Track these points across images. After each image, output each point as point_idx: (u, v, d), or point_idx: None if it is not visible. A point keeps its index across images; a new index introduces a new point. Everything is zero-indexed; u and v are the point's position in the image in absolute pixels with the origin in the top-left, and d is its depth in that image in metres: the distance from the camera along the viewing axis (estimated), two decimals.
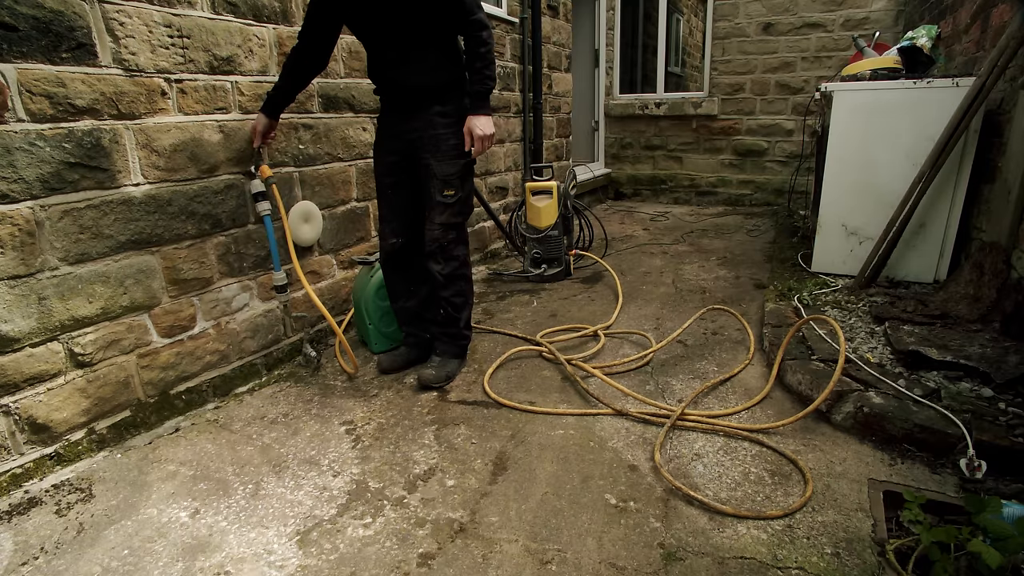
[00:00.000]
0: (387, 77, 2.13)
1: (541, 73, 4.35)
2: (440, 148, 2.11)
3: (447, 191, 2.13)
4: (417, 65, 2.05)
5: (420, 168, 2.16)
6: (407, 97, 2.12)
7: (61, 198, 1.71)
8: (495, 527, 1.49)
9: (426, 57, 2.05)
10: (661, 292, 3.28)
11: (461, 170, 2.16)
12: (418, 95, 2.09)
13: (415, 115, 2.12)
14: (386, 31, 2.03)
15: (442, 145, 2.11)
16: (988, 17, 2.83)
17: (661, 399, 2.09)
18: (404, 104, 2.14)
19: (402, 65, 2.06)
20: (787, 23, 5.32)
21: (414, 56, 2.04)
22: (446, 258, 2.21)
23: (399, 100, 2.16)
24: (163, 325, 2.03)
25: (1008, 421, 1.67)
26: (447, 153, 2.12)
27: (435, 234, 2.17)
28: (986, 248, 2.39)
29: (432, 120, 2.10)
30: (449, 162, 2.12)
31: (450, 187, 2.13)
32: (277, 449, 1.87)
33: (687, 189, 6.15)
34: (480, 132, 2.06)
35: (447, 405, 2.12)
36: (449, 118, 2.12)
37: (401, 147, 2.18)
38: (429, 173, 2.13)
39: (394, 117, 2.18)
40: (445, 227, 2.17)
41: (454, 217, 2.18)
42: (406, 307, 2.40)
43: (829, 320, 1.97)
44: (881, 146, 2.88)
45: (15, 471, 1.68)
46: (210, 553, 1.43)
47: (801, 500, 1.53)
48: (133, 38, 1.83)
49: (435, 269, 2.21)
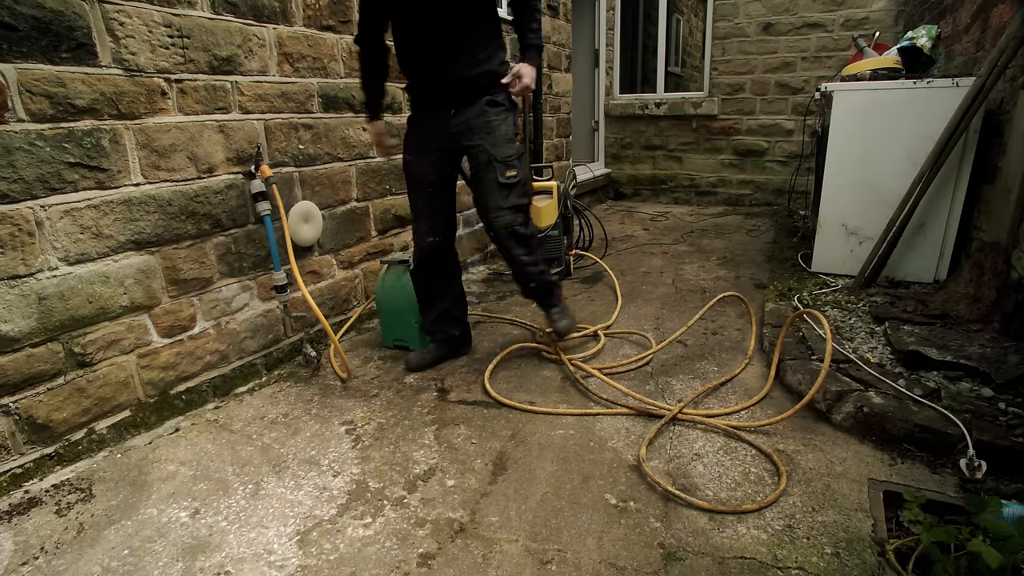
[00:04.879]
0: (435, 73, 2.10)
1: (541, 73, 4.34)
2: (495, 133, 2.12)
3: (509, 172, 2.13)
4: (471, 58, 2.07)
5: (474, 157, 2.17)
6: (457, 91, 2.12)
7: (61, 198, 1.71)
8: (495, 527, 1.49)
9: (478, 50, 2.08)
10: (661, 292, 3.28)
11: (517, 153, 2.17)
12: (470, 88, 2.10)
13: (464, 109, 2.13)
14: (440, 26, 2.03)
15: (496, 131, 2.13)
16: (988, 17, 2.83)
17: (661, 399, 2.09)
18: (452, 99, 2.13)
19: (455, 60, 2.06)
20: (787, 23, 5.32)
21: (467, 50, 2.06)
22: (523, 240, 2.21)
23: (446, 95, 2.14)
24: (163, 325, 2.03)
25: (1008, 421, 1.67)
26: (502, 137, 2.13)
27: (507, 219, 2.16)
28: (986, 248, 2.39)
29: (483, 110, 2.12)
30: (506, 144, 2.14)
31: (511, 168, 2.14)
32: (277, 449, 1.87)
33: (687, 189, 6.14)
34: (527, 80, 2.10)
35: (447, 405, 2.12)
36: (500, 106, 2.14)
37: (446, 144, 2.18)
38: (487, 159, 2.13)
39: (437, 113, 2.17)
40: (515, 209, 2.17)
41: (520, 198, 2.18)
42: (442, 307, 2.41)
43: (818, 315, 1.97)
44: (881, 146, 2.88)
45: (15, 471, 1.68)
46: (210, 553, 1.43)
47: (775, 494, 1.55)
48: (133, 38, 1.83)
49: (517, 254, 2.23)
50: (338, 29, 2.61)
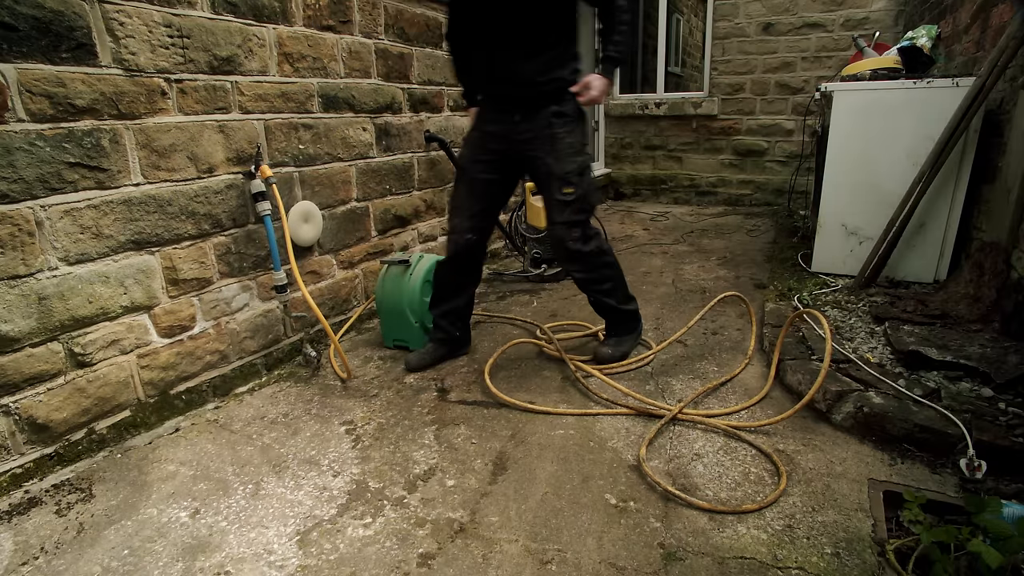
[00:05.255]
0: (506, 75, 2.09)
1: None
2: (557, 146, 2.11)
3: (566, 189, 2.12)
4: (543, 64, 2.05)
5: (534, 168, 2.17)
6: (525, 96, 2.10)
7: (61, 198, 1.71)
8: (495, 527, 1.49)
9: (552, 56, 2.06)
10: (661, 292, 3.28)
11: (579, 167, 2.14)
12: (538, 95, 2.08)
13: (530, 116, 2.11)
14: (520, 27, 2.02)
15: (559, 144, 2.11)
16: (988, 17, 2.83)
17: (661, 399, 2.09)
18: (519, 104, 2.11)
19: (527, 64, 2.05)
20: (787, 23, 5.32)
21: (541, 55, 2.04)
22: (575, 256, 2.21)
23: (514, 99, 2.12)
24: (163, 325, 2.03)
25: (1008, 421, 1.67)
26: (564, 151, 2.11)
27: (559, 233, 2.17)
28: (986, 248, 2.39)
29: (549, 121, 2.10)
30: (568, 159, 2.11)
31: (569, 185, 2.12)
32: (277, 449, 1.87)
33: (687, 189, 6.14)
34: (594, 92, 2.07)
35: (447, 405, 2.12)
36: (565, 117, 2.11)
37: (508, 148, 2.17)
38: (547, 172, 2.13)
39: (503, 116, 2.15)
40: (568, 225, 2.16)
41: (575, 215, 2.16)
42: (455, 304, 2.40)
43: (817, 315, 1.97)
44: (881, 146, 2.88)
45: (15, 471, 1.68)
46: (210, 553, 1.43)
47: (775, 494, 1.55)
48: (133, 38, 1.83)
49: (571, 269, 2.24)
50: (338, 29, 2.61)
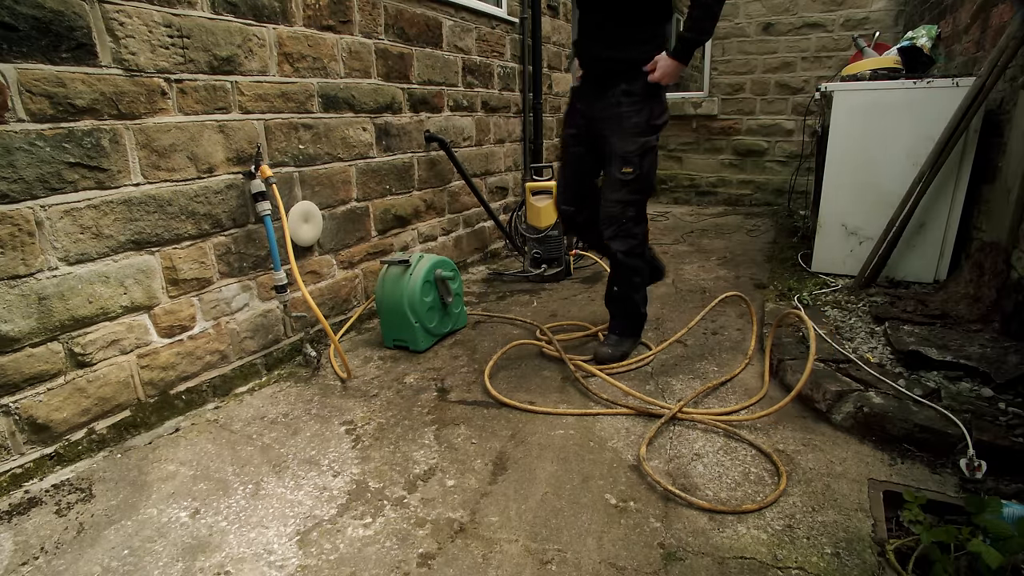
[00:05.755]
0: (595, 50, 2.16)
1: (541, 73, 4.34)
2: (622, 125, 2.13)
3: (625, 168, 2.15)
4: (623, 42, 2.09)
5: (602, 145, 2.21)
6: (604, 72, 2.15)
7: (61, 198, 1.71)
8: (495, 527, 1.49)
9: (631, 33, 2.08)
10: (661, 292, 3.28)
11: (640, 148, 2.15)
12: (611, 71, 2.13)
13: (605, 93, 2.16)
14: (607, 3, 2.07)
15: (624, 123, 2.13)
16: (988, 17, 2.83)
17: (661, 399, 2.09)
18: (599, 79, 2.17)
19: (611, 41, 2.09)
20: (787, 23, 5.32)
21: (626, 31, 2.08)
22: (624, 235, 2.24)
23: (596, 74, 2.19)
24: (163, 325, 2.03)
25: (1008, 421, 1.67)
26: (628, 131, 2.13)
27: (612, 211, 2.20)
28: (986, 248, 2.39)
29: (619, 100, 2.13)
30: (630, 139, 2.14)
31: (629, 164, 2.14)
32: (277, 449, 1.87)
33: (687, 189, 6.15)
34: (657, 74, 2.08)
35: (447, 405, 2.12)
36: (634, 96, 2.13)
37: (586, 123, 2.25)
38: (610, 150, 2.16)
39: (588, 91, 2.23)
40: (623, 204, 2.19)
41: (631, 195, 2.19)
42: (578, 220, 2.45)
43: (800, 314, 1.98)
44: (881, 146, 2.88)
45: (15, 471, 1.68)
46: (210, 553, 1.43)
47: (775, 494, 1.55)
48: (133, 38, 1.83)
49: (614, 247, 2.25)
50: (338, 29, 2.60)
